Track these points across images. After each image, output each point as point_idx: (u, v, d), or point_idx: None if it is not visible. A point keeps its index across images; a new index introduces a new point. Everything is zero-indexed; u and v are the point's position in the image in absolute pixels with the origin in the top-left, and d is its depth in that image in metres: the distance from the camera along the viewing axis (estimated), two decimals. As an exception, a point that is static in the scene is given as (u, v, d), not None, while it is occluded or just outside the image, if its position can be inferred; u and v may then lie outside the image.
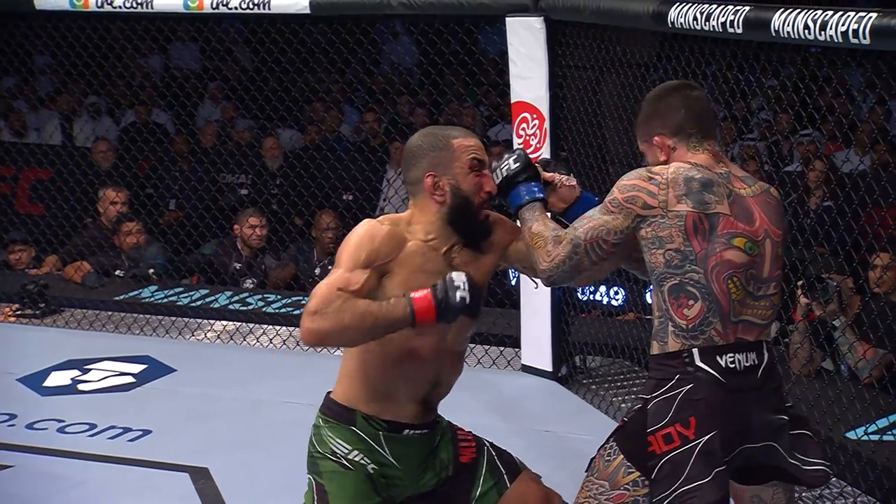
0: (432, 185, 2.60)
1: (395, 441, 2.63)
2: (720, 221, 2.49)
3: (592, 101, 5.11)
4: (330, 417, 2.65)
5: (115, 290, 6.49)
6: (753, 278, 2.52)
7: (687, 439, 2.43)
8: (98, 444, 4.53)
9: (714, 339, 2.48)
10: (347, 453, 2.61)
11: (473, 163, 2.61)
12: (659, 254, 2.50)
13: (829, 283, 4.49)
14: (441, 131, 2.68)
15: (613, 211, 2.52)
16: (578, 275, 2.59)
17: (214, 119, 8.77)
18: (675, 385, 2.46)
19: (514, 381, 5.26)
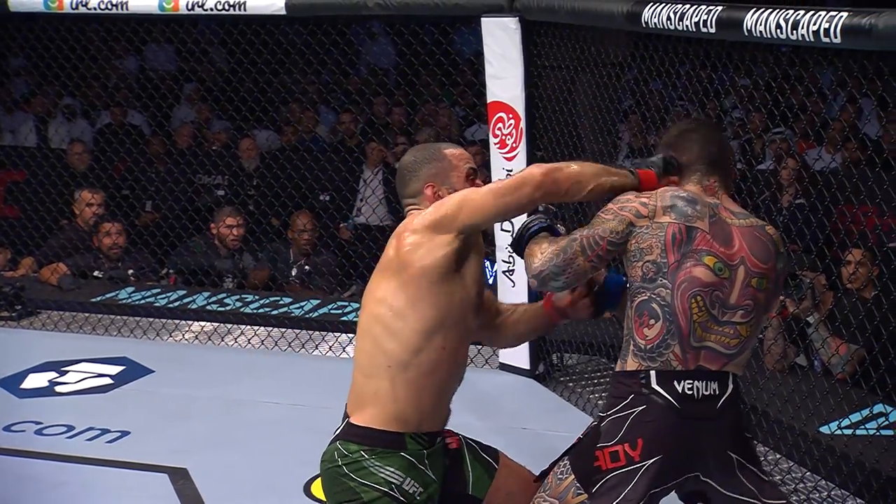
0: (433, 195, 2.68)
1: (434, 457, 2.66)
2: (697, 236, 2.52)
3: (568, 100, 5.14)
4: (377, 446, 2.59)
5: (91, 291, 6.47)
6: (719, 301, 2.52)
7: (632, 460, 2.44)
8: (76, 445, 4.52)
9: (672, 363, 2.49)
10: (402, 482, 2.59)
11: (469, 171, 2.72)
12: (638, 266, 2.54)
13: (802, 279, 4.54)
14: (431, 146, 2.80)
15: (608, 218, 2.58)
16: (570, 270, 2.58)
17: (190, 120, 8.75)
18: (629, 405, 2.47)
19: (492, 379, 5.29)
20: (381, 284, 2.63)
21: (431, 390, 2.62)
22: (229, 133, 8.07)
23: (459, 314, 2.61)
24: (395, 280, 2.59)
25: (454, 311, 2.60)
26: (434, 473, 2.66)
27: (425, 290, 2.57)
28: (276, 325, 5.97)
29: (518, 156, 5.10)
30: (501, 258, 5.23)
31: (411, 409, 2.60)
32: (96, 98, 8.77)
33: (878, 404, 4.10)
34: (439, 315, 2.58)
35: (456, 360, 2.66)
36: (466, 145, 7.58)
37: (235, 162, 7.79)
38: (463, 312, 2.62)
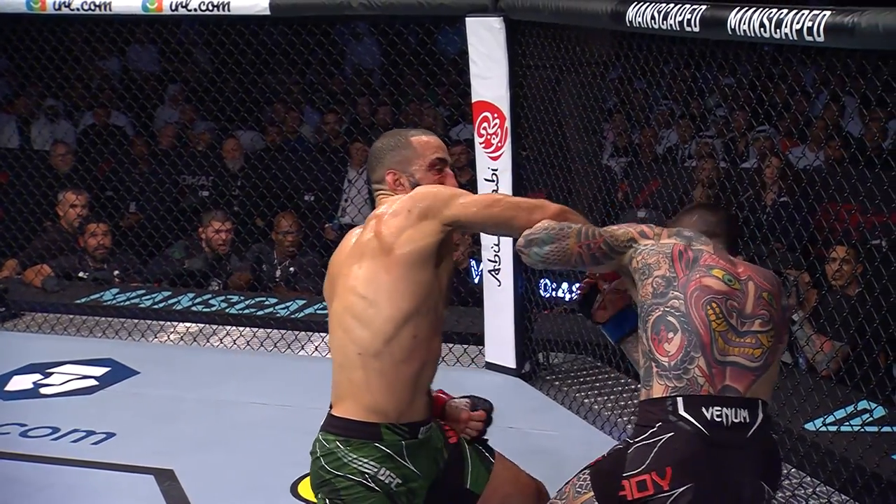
0: (393, 182, 2.65)
1: (415, 448, 2.61)
2: (703, 255, 2.52)
3: (553, 99, 5.15)
4: (351, 437, 2.57)
5: (76, 293, 6.44)
6: (735, 311, 2.49)
7: (661, 488, 2.37)
8: (61, 447, 4.50)
9: (699, 380, 2.42)
10: (376, 473, 2.55)
11: (434, 161, 2.67)
12: (647, 283, 2.51)
13: (786, 277, 4.56)
14: (401, 132, 2.75)
15: (615, 227, 2.60)
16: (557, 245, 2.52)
17: (174, 121, 8.73)
18: (657, 433, 2.40)
19: (478, 379, 5.29)
20: (352, 271, 2.59)
21: (405, 379, 2.57)
22: (214, 133, 8.06)
23: (432, 303, 2.58)
24: (369, 265, 2.55)
25: (427, 300, 2.56)
26: (418, 467, 2.61)
27: (402, 276, 2.53)
28: (261, 325, 5.96)
29: (503, 155, 5.11)
30: (487, 257, 5.23)
31: (386, 399, 2.56)
32: (80, 99, 8.74)
33: (862, 401, 4.11)
34: (412, 303, 2.54)
35: (429, 348, 2.60)
36: (451, 145, 7.60)
37: (220, 162, 7.77)
38: (435, 302, 2.59)
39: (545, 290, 5.68)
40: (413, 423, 2.61)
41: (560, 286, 5.92)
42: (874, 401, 4.17)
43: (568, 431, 4.71)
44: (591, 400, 4.92)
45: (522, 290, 5.23)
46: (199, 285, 6.48)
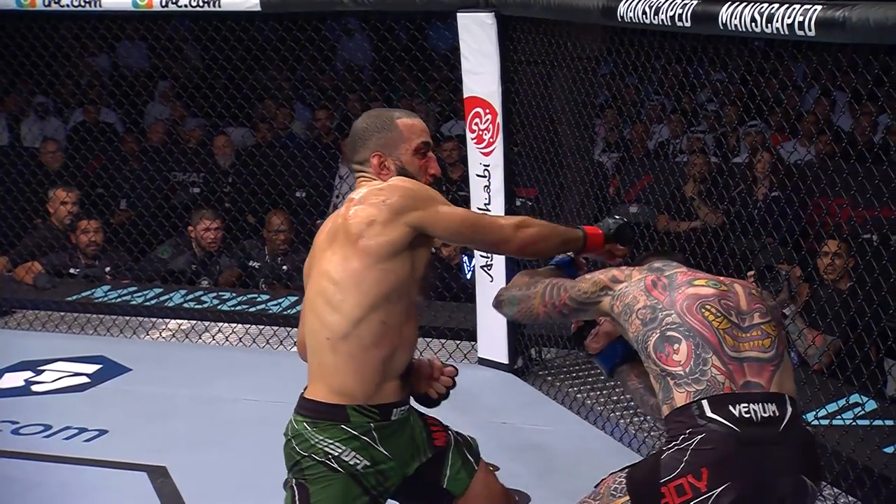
0: (378, 165, 2.63)
1: (384, 431, 2.58)
2: (677, 276, 2.53)
3: (544, 95, 5.15)
4: (317, 418, 2.56)
5: (67, 290, 6.43)
6: (732, 309, 2.48)
7: (699, 491, 2.32)
8: (54, 444, 4.50)
9: (718, 378, 2.38)
10: (340, 454, 2.55)
11: (420, 146, 2.65)
12: (634, 319, 2.50)
13: (778, 272, 4.57)
14: (386, 113, 2.70)
15: (585, 279, 2.62)
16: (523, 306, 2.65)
17: (164, 118, 8.72)
18: (688, 437, 2.35)
19: (471, 374, 5.27)
20: (326, 255, 2.58)
21: (374, 363, 2.55)
22: (204, 130, 8.04)
23: (403, 291, 2.55)
24: (341, 251, 2.55)
25: (398, 288, 2.54)
26: (389, 450, 2.59)
27: (369, 265, 2.52)
28: (253, 322, 5.96)
29: (495, 151, 5.11)
30: (479, 253, 5.23)
31: (354, 381, 2.55)
32: (70, 96, 8.71)
33: (854, 394, 4.13)
34: (381, 291, 2.52)
35: (401, 334, 2.57)
36: (443, 140, 7.60)
37: (211, 159, 7.76)
38: (407, 289, 2.56)
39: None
40: (384, 405, 2.58)
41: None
42: (866, 394, 4.19)
43: (561, 426, 4.71)
44: (583, 395, 4.93)
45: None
46: (189, 283, 6.47)
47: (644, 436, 4.45)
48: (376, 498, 2.62)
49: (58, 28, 6.76)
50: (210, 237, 6.54)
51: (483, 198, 5.17)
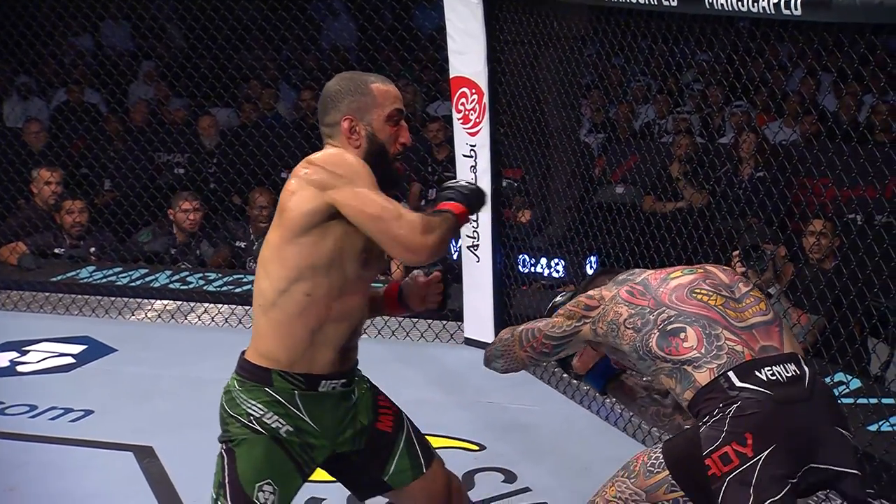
0: (349, 129, 2.56)
1: (310, 399, 2.56)
2: (650, 279, 2.52)
3: (531, 75, 5.14)
4: (246, 379, 2.56)
5: (52, 270, 6.41)
6: (721, 285, 2.48)
7: (746, 457, 2.29)
8: (39, 425, 4.49)
9: (737, 349, 2.37)
10: (262, 415, 2.53)
11: (393, 112, 2.58)
12: (624, 332, 2.48)
13: (763, 251, 4.58)
14: (360, 76, 2.63)
15: (558, 314, 2.62)
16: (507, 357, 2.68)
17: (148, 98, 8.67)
18: (723, 409, 2.32)
19: (457, 354, 5.31)
20: (273, 222, 2.59)
21: (299, 333, 2.52)
22: (189, 110, 8.01)
23: (331, 265, 2.50)
24: (276, 220, 2.55)
25: (323, 262, 2.49)
26: (316, 422, 2.57)
27: (289, 238, 2.49)
28: (239, 302, 5.94)
29: (481, 131, 5.10)
30: (466, 233, 5.23)
31: (278, 347, 2.53)
32: (53, 76, 8.66)
33: (838, 373, 4.15)
34: (302, 263, 2.49)
35: (330, 307, 2.52)
36: (429, 121, 7.59)
37: (196, 140, 7.73)
38: (337, 263, 2.50)
39: (524, 266, 5.68)
40: (311, 375, 2.55)
41: (539, 262, 5.93)
42: (850, 373, 4.21)
43: (547, 406, 4.73)
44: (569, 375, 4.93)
45: (501, 266, 5.24)
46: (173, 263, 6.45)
47: (630, 414, 4.47)
48: (302, 468, 2.59)
49: (40, 7, 6.71)
50: (189, 220, 6.51)
51: (470, 178, 5.16)
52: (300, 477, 2.59)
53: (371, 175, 2.49)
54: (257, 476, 2.53)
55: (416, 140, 7.51)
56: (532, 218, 5.97)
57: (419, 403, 4.73)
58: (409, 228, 2.44)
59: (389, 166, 2.60)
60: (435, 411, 4.56)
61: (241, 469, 2.53)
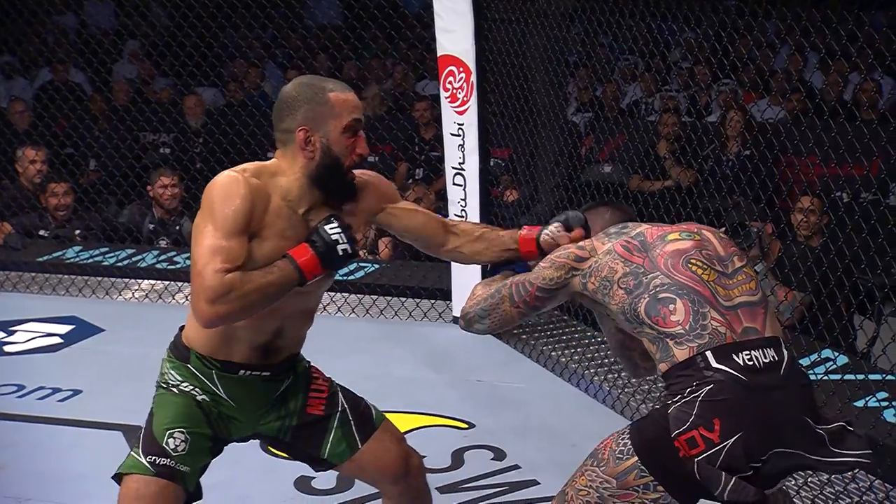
0: (304, 140, 2.46)
1: (229, 380, 2.57)
2: (646, 234, 2.48)
3: (518, 53, 5.14)
4: (172, 354, 2.61)
5: (38, 250, 6.39)
6: (715, 258, 2.45)
7: (712, 443, 2.28)
8: (27, 404, 4.48)
9: (720, 330, 2.36)
10: (178, 384, 2.57)
11: (351, 123, 2.48)
12: (615, 291, 2.44)
13: (750, 229, 4.60)
14: (319, 83, 2.51)
15: (544, 266, 2.53)
16: (495, 315, 2.56)
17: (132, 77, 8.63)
18: (695, 389, 2.31)
19: (446, 333, 5.31)
20: None
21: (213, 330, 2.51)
22: (175, 90, 7.97)
23: None
24: None
25: None
26: (233, 398, 2.58)
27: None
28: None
29: (469, 109, 5.09)
30: (454, 212, 5.23)
31: (197, 335, 2.55)
32: (37, 54, 8.61)
33: (825, 349, 4.17)
34: None
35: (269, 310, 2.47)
36: (417, 100, 7.57)
37: (182, 119, 7.69)
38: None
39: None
40: (229, 362, 2.56)
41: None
42: (837, 349, 4.23)
43: (535, 384, 4.74)
44: (557, 353, 4.96)
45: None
46: (148, 242, 6.43)
47: (618, 392, 4.49)
48: (216, 431, 2.59)
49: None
50: (168, 195, 6.49)
51: (457, 157, 5.16)
52: (211, 431, 2.58)
53: (236, 213, 2.37)
54: (169, 424, 2.53)
55: (403, 119, 7.51)
56: (520, 197, 5.97)
57: (408, 382, 4.76)
58: (200, 289, 2.32)
59: (343, 178, 2.51)
60: (424, 390, 4.57)
61: (155, 418, 2.56)
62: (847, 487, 3.63)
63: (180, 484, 2.51)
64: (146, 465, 2.50)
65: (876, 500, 3.59)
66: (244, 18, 7.42)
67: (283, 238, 2.45)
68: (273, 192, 2.46)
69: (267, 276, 2.37)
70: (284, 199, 2.47)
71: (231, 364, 2.56)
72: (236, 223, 2.37)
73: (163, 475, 2.50)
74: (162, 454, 2.50)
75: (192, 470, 2.54)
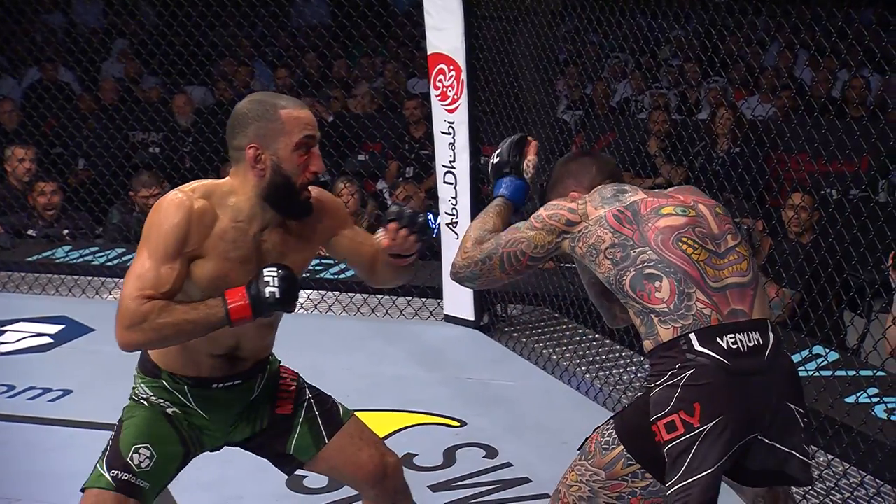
0: (253, 158, 2.41)
1: (201, 394, 2.58)
2: (640, 205, 2.42)
3: (508, 51, 5.14)
4: (142, 372, 2.62)
5: (27, 250, 6.37)
6: (707, 236, 2.40)
7: (692, 427, 2.28)
8: (18, 405, 4.47)
9: (704, 311, 2.33)
10: (149, 396, 2.58)
11: (302, 140, 2.43)
12: (602, 259, 2.41)
13: (741, 226, 4.60)
14: (271, 99, 2.47)
15: (537, 226, 2.49)
16: (485, 279, 2.55)
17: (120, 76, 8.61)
18: (677, 373, 2.30)
19: (438, 331, 5.32)
20: None
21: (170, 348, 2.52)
22: (165, 89, 7.96)
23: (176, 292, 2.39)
24: None
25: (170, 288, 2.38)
26: (206, 411, 2.59)
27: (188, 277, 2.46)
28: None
29: (460, 107, 5.09)
30: (445, 210, 5.23)
31: (159, 352, 2.56)
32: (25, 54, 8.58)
33: (816, 346, 4.18)
34: None
35: None
36: (407, 98, 7.56)
37: (172, 118, 7.68)
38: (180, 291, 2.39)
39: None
40: (199, 378, 2.56)
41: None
42: (828, 346, 4.24)
43: (526, 381, 4.74)
44: (549, 350, 4.97)
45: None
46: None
47: (609, 389, 4.50)
48: (187, 442, 2.59)
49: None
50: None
51: (448, 155, 5.16)
52: (182, 448, 2.58)
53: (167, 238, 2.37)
54: (135, 439, 2.54)
55: (393, 117, 7.50)
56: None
57: (400, 380, 4.76)
58: (118, 313, 2.36)
59: (296, 197, 2.46)
60: (415, 388, 4.57)
61: (122, 433, 2.56)
62: (838, 483, 3.65)
63: (139, 500, 2.51)
64: (108, 480, 2.50)
65: (867, 495, 3.61)
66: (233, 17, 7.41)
67: (226, 260, 2.43)
68: (222, 212, 2.43)
69: (189, 313, 2.35)
70: (234, 221, 2.44)
71: (201, 379, 2.56)
72: (167, 248, 2.37)
73: (122, 490, 2.50)
74: (125, 469, 2.51)
75: (152, 486, 2.54)
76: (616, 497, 2.39)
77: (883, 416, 3.81)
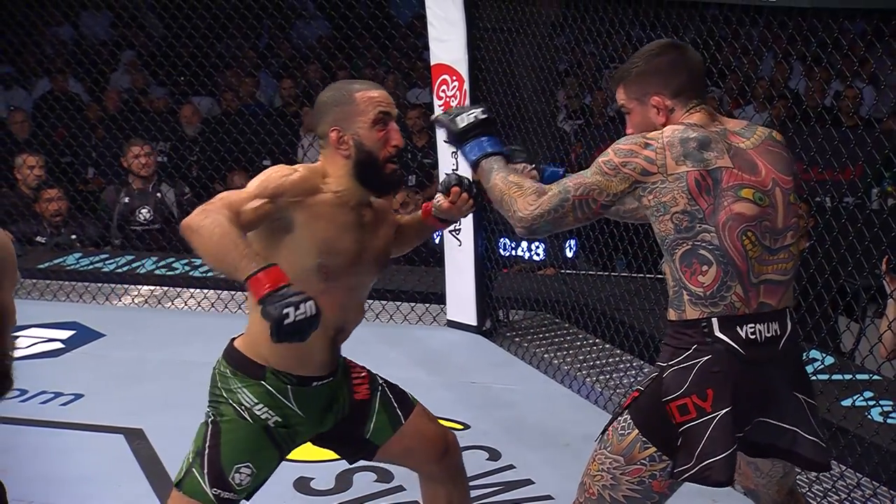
0: (336, 140, 2.57)
1: (301, 394, 2.64)
2: (723, 175, 2.33)
3: (509, 61, 5.21)
4: (239, 370, 2.61)
5: (38, 257, 6.44)
6: (769, 231, 2.37)
7: (703, 411, 2.31)
8: (30, 409, 4.53)
9: (735, 304, 2.34)
10: (252, 406, 2.59)
11: (378, 116, 2.58)
12: (666, 220, 2.35)
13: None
14: (346, 85, 2.64)
15: (609, 173, 2.38)
16: (558, 228, 2.46)
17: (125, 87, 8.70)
18: (693, 355, 2.33)
19: (441, 336, 5.38)
20: None
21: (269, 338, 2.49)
22: (173, 99, 8.05)
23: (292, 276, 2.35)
24: None
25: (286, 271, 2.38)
26: (303, 410, 2.64)
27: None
28: (225, 287, 6.01)
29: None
30: (448, 217, 5.29)
31: (263, 346, 2.56)
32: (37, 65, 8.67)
33: (812, 350, 4.25)
34: None
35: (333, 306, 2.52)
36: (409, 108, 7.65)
37: (180, 128, 7.76)
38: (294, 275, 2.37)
39: (504, 250, 5.77)
40: (304, 377, 2.63)
41: (519, 245, 6.02)
42: (824, 350, 4.31)
43: (528, 385, 4.81)
44: (550, 355, 5.03)
45: (482, 250, 5.32)
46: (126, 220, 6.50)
47: (610, 393, 4.56)
48: (284, 452, 2.67)
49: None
50: (141, 163, 6.56)
51: (451, 163, 5.24)
52: (277, 453, 2.66)
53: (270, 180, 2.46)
54: (238, 458, 2.59)
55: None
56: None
57: (404, 384, 4.76)
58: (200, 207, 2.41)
59: (382, 171, 2.59)
60: (419, 391, 4.56)
61: (223, 448, 2.59)
62: (836, 485, 3.71)
63: None
64: (211, 498, 2.58)
65: (863, 496, 3.66)
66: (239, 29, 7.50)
67: (332, 223, 2.54)
68: (324, 186, 2.57)
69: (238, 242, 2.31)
70: (336, 192, 2.57)
71: (305, 378, 2.63)
72: (264, 187, 2.46)
73: None
74: (227, 488, 2.59)
75: (247, 495, 2.65)
76: (637, 482, 2.41)
77: (879, 419, 3.87)
